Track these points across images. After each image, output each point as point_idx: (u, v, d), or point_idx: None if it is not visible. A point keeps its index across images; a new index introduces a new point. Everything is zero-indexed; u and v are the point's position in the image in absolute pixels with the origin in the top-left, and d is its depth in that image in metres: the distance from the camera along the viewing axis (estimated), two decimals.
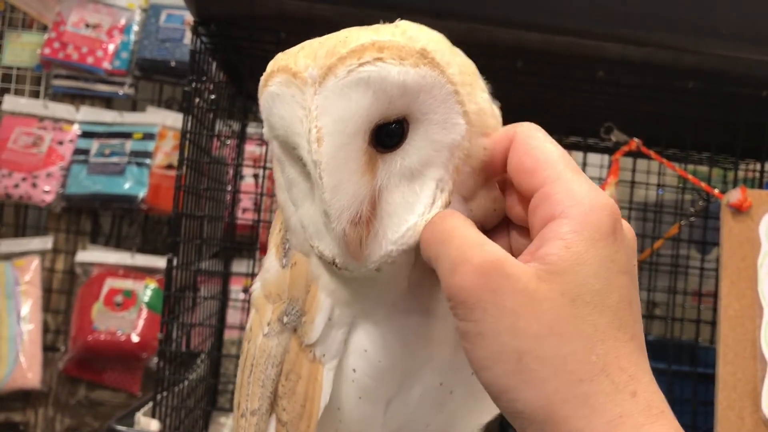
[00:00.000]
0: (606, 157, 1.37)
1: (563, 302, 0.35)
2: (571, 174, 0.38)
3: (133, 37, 2.21)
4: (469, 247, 0.37)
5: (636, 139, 1.08)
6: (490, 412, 0.53)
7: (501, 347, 0.36)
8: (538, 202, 0.38)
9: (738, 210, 0.98)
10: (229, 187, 1.43)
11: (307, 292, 0.46)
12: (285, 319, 0.48)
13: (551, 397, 0.35)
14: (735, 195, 0.99)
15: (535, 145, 0.40)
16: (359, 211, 0.40)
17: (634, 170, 1.32)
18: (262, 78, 0.43)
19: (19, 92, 2.28)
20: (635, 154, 1.18)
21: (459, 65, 0.41)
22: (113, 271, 2.09)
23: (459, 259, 0.37)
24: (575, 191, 0.37)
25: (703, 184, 1.07)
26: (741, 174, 1.44)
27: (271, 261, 0.51)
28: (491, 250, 0.37)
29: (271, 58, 0.44)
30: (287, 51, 0.42)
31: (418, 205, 0.41)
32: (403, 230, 0.41)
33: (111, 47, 2.19)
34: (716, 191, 1.06)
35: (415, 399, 0.48)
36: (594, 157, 1.40)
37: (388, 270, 0.42)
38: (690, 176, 1.07)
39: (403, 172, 0.41)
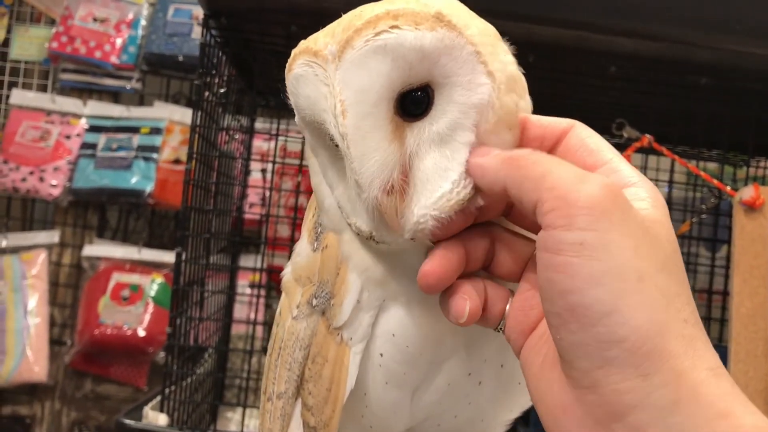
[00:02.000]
0: None
1: (673, 247, 0.36)
2: (628, 165, 0.40)
3: (140, 32, 2.21)
4: (586, 173, 0.37)
5: (648, 136, 1.07)
6: (519, 407, 0.52)
7: (623, 263, 0.34)
8: (606, 173, 0.39)
9: (751, 207, 0.98)
10: (237, 182, 1.43)
11: (337, 274, 0.46)
12: (314, 302, 0.48)
13: (663, 328, 0.33)
14: (748, 192, 0.98)
15: (594, 135, 0.41)
16: (390, 179, 0.40)
17: (645, 167, 1.31)
18: (287, 65, 0.43)
19: (26, 86, 2.28)
20: (647, 151, 1.17)
21: (478, 27, 0.41)
22: (120, 265, 2.09)
23: (584, 175, 0.36)
24: (638, 174, 0.39)
25: (715, 182, 1.06)
26: (750, 171, 1.44)
27: (302, 245, 0.51)
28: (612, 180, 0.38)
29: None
30: (309, 37, 0.43)
31: (451, 173, 0.41)
32: (436, 197, 0.41)
33: (119, 41, 2.18)
34: (728, 188, 1.05)
35: (442, 388, 0.48)
36: None
37: (422, 240, 0.42)
38: (703, 173, 1.06)
39: (433, 138, 0.41)
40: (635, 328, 0.33)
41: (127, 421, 1.02)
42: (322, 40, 0.41)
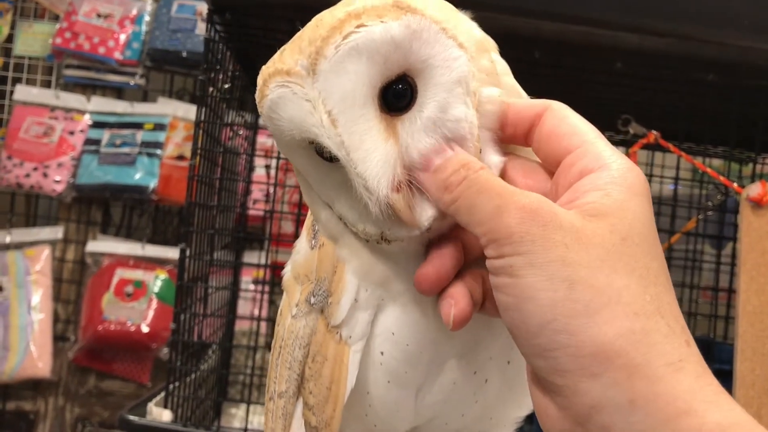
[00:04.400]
0: (622, 149, 1.35)
1: (613, 239, 0.35)
2: (605, 142, 0.39)
3: (144, 28, 2.20)
4: (511, 193, 0.37)
5: (654, 132, 1.07)
6: (527, 404, 0.52)
7: (551, 276, 0.35)
8: (574, 159, 0.39)
9: (758, 204, 0.97)
10: (241, 178, 1.43)
11: (334, 272, 0.46)
12: (312, 300, 0.48)
13: (604, 328, 0.33)
14: (755, 189, 0.97)
15: (570, 115, 0.41)
16: (395, 175, 0.40)
17: (651, 164, 1.31)
18: (258, 92, 0.43)
19: (30, 82, 2.28)
20: (652, 147, 1.16)
21: (434, 4, 0.42)
22: (123, 261, 2.09)
23: (503, 202, 0.37)
24: (613, 152, 0.39)
25: (721, 178, 1.06)
26: (757, 168, 1.43)
27: (302, 243, 0.51)
28: (534, 195, 0.37)
29: None
30: (268, 62, 0.43)
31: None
32: None
33: (122, 37, 2.18)
34: (735, 185, 1.05)
35: (448, 387, 0.48)
36: None
37: (436, 228, 0.42)
38: (709, 170, 1.05)
39: (427, 125, 0.41)
40: (572, 333, 0.34)
41: (131, 417, 1.02)
42: (290, 58, 0.40)
